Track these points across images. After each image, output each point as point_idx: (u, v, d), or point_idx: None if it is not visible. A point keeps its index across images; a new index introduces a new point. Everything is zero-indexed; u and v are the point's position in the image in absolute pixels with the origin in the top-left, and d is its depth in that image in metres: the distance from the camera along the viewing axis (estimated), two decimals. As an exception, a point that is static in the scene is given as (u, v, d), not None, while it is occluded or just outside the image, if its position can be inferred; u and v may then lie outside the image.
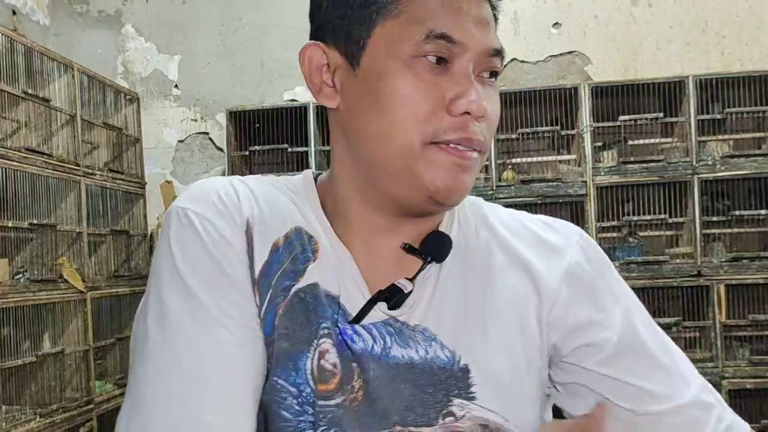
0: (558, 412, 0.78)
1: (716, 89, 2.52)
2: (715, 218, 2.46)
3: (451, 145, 0.66)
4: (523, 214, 0.80)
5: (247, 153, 2.66)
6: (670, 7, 2.86)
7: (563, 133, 2.55)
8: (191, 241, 0.67)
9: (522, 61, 2.91)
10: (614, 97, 2.57)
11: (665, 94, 2.57)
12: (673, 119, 2.51)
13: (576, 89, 2.54)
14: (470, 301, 0.71)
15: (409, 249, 0.71)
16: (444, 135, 0.66)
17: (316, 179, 0.78)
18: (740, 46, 2.81)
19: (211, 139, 3.01)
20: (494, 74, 0.70)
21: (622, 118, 2.52)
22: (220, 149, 2.99)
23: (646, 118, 2.52)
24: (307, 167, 2.58)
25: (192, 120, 3.02)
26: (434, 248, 0.71)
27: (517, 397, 0.69)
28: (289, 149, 2.62)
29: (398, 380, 0.67)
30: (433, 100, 0.66)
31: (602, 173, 2.50)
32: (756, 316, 2.38)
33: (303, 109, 2.62)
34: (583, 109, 2.51)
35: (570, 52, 2.89)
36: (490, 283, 0.72)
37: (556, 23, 2.89)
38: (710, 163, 2.44)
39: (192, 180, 2.99)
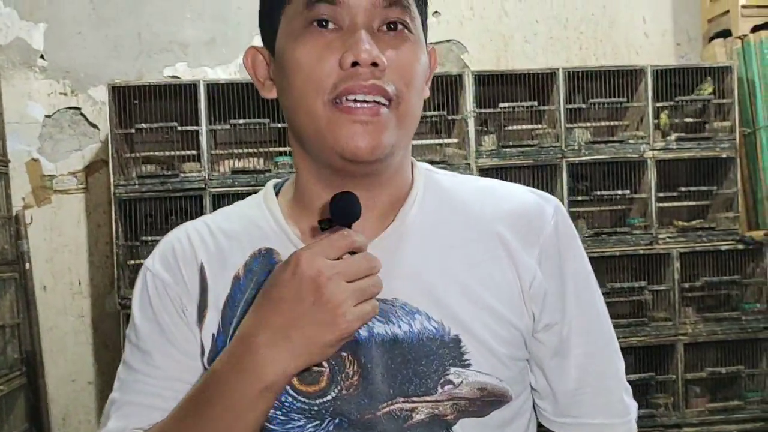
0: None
1: (579, 81, 2.79)
2: (579, 198, 2.74)
3: (351, 103, 0.68)
4: (495, 182, 0.83)
5: (133, 131, 2.53)
6: (536, 3, 3.10)
7: (449, 117, 2.69)
8: (142, 300, 0.78)
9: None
10: (491, 86, 2.76)
11: (536, 84, 2.80)
12: (545, 107, 2.74)
13: (460, 76, 2.69)
14: (445, 270, 0.74)
15: (321, 224, 0.70)
16: (340, 87, 0.69)
17: (282, 185, 0.83)
18: (595, 42, 3.12)
19: (83, 115, 2.82)
20: (395, 25, 0.71)
21: (501, 105, 2.71)
22: (95, 126, 2.82)
23: (522, 106, 2.73)
24: (198, 147, 2.53)
25: (61, 94, 2.81)
26: (340, 212, 0.69)
27: (505, 361, 0.74)
28: (179, 128, 2.54)
29: (390, 357, 0.71)
30: (326, 61, 0.69)
31: (484, 156, 2.68)
32: (613, 284, 2.70)
33: (193, 87, 2.54)
34: (466, 95, 2.68)
35: (448, 41, 3.05)
36: (465, 252, 0.75)
37: (436, 12, 3.03)
38: (576, 148, 2.71)
39: (63, 158, 2.81)
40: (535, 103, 2.74)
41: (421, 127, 2.84)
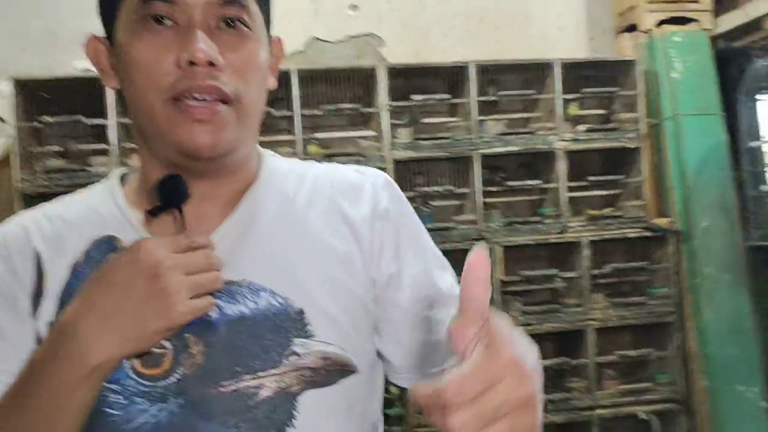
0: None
1: (492, 74, 2.84)
2: (493, 189, 2.79)
3: (190, 102, 0.70)
4: (331, 164, 0.88)
5: (40, 124, 2.48)
6: (453, -2, 3.14)
7: (363, 110, 2.71)
8: None
9: (322, 41, 3.03)
10: (408, 79, 2.79)
11: (450, 77, 2.84)
12: (458, 100, 2.78)
13: (374, 70, 2.71)
14: (290, 248, 0.77)
15: (151, 211, 0.73)
16: (178, 87, 0.70)
17: (129, 174, 0.84)
18: (511, 36, 3.18)
19: (-8, 110, 2.75)
20: (233, 23, 0.72)
21: (415, 97, 2.74)
22: (2, 120, 2.74)
23: (436, 99, 2.77)
24: (106, 141, 2.49)
25: (-33, 88, 2.73)
26: (168, 195, 0.73)
27: (349, 330, 0.76)
28: (86, 121, 2.49)
29: (236, 335, 0.73)
30: (163, 60, 0.70)
31: (399, 149, 2.71)
32: (527, 272, 2.76)
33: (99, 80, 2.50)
34: (380, 88, 2.70)
35: (367, 34, 3.06)
36: (307, 230, 0.78)
37: (354, 5, 3.04)
38: (488, 140, 2.77)
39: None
40: (449, 96, 2.77)
41: (337, 120, 2.86)
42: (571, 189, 2.79)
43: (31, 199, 2.46)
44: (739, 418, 2.77)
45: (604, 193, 2.89)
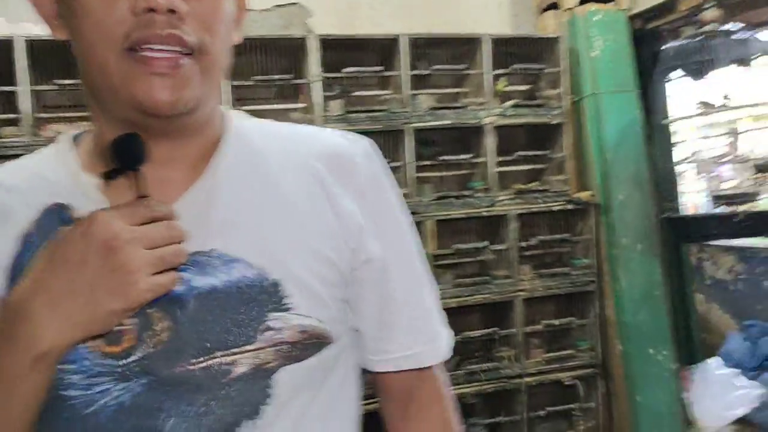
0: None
1: (422, 48, 2.84)
2: (426, 163, 2.80)
3: (148, 53, 0.64)
4: (306, 126, 0.84)
5: (-62, 91, 2.24)
6: (380, -31, 3.10)
7: (295, 82, 2.64)
8: None
9: (248, 9, 2.91)
10: (338, 51, 2.74)
11: (380, 50, 2.81)
12: (390, 73, 2.76)
13: (304, 40, 2.64)
14: (263, 215, 0.72)
15: (106, 174, 0.68)
16: (134, 36, 0.64)
17: (81, 136, 0.77)
18: (439, 9, 3.18)
19: None
20: None
21: (346, 70, 2.69)
22: None
23: (368, 71, 2.73)
24: (17, 111, 2.30)
25: None
26: (124, 156, 0.67)
27: (326, 301, 0.73)
28: (-7, 88, 2.28)
29: (206, 309, 0.68)
30: (116, 7, 0.64)
31: (331, 121, 2.66)
32: (459, 245, 2.80)
33: (8, 43, 2.29)
34: (312, 60, 2.63)
35: (292, 4, 2.97)
36: (281, 194, 0.73)
37: (280, -27, 2.94)
38: (420, 113, 2.76)
39: None
40: (381, 69, 2.74)
41: (266, 92, 2.76)
42: (499, 164, 2.84)
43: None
44: (652, 379, 2.95)
45: (530, 167, 2.97)
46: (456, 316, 2.78)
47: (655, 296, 2.99)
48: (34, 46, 2.30)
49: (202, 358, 0.67)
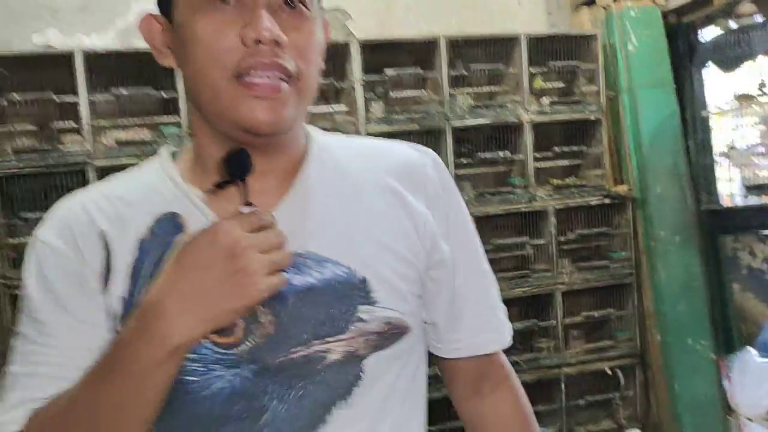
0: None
1: (459, 48, 2.90)
2: (463, 161, 2.87)
3: (254, 79, 0.72)
4: (377, 140, 0.92)
5: (6, 103, 2.38)
6: (416, -29, 3.17)
7: (338, 85, 2.73)
8: (34, 270, 0.79)
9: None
10: (377, 53, 2.82)
11: (418, 52, 2.89)
12: (429, 74, 2.83)
13: (347, 45, 2.72)
14: (348, 220, 0.81)
15: (218, 185, 0.76)
16: (243, 64, 0.72)
17: (178, 152, 0.87)
18: (473, 9, 3.23)
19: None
20: (294, 3, 0.75)
21: (388, 72, 2.78)
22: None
23: (408, 73, 2.81)
24: (78, 119, 2.42)
25: None
26: (234, 168, 0.75)
27: (406, 296, 0.82)
28: (57, 99, 2.41)
29: (304, 304, 0.77)
30: (226, 36, 0.72)
31: (372, 123, 2.75)
32: (498, 241, 2.87)
33: (68, 57, 2.42)
34: (354, 63, 2.72)
35: (334, 8, 3.06)
36: (363, 202, 0.82)
37: (320, -21, 3.02)
38: (459, 113, 2.84)
39: None
40: (420, 70, 2.82)
41: (311, 94, 2.85)
42: (536, 159, 2.91)
43: (2, 181, 2.37)
44: (690, 369, 3.00)
45: (567, 163, 3.02)
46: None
47: (694, 287, 3.03)
48: (90, 58, 2.43)
49: (300, 348, 0.76)
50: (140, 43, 2.59)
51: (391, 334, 0.80)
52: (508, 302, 0.95)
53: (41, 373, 0.76)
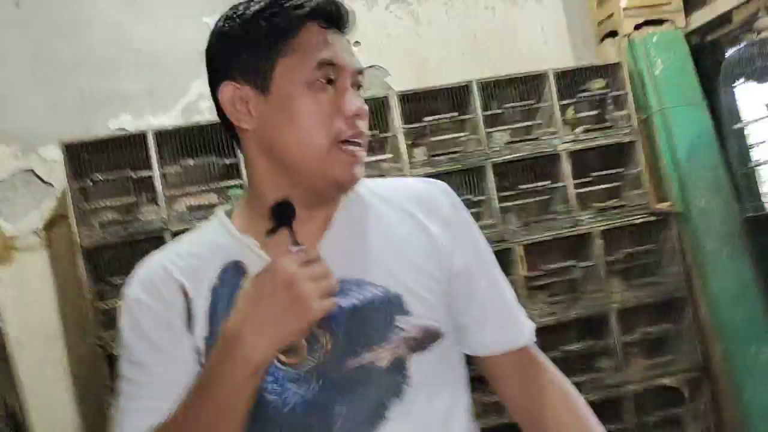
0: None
1: (491, 89, 3.10)
2: (506, 194, 3.03)
3: (349, 146, 0.92)
4: (395, 178, 1.11)
5: (90, 183, 2.69)
6: (445, 24, 3.40)
7: (382, 136, 2.95)
8: (128, 322, 0.95)
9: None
10: (414, 102, 3.04)
11: (455, 96, 3.09)
12: (466, 117, 3.03)
13: (387, 98, 2.96)
14: (380, 248, 0.97)
15: (269, 231, 0.89)
16: (344, 134, 0.90)
17: (231, 210, 1.01)
18: (502, 52, 3.44)
19: (36, 174, 2.96)
20: (359, 86, 0.95)
21: (426, 119, 2.99)
22: (49, 183, 2.95)
23: (446, 118, 3.02)
24: (153, 190, 2.70)
25: (11, 156, 2.94)
26: (282, 216, 0.89)
27: (435, 305, 0.97)
28: (134, 175, 2.71)
29: (353, 322, 0.93)
30: (330, 111, 0.90)
31: (417, 167, 2.95)
32: (547, 266, 2.99)
33: (142, 136, 2.72)
34: (394, 114, 2.94)
35: (371, 66, 3.31)
36: (389, 232, 0.98)
37: (357, 42, 3.29)
38: (497, 149, 3.01)
39: (20, 217, 2.94)
40: (456, 114, 3.02)
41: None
42: (576, 186, 3.04)
43: (91, 252, 2.66)
44: (757, 377, 3.00)
45: (607, 186, 3.14)
46: (553, 333, 2.93)
47: (750, 294, 3.06)
48: (159, 135, 2.74)
49: (355, 359, 0.92)
50: (201, 118, 2.90)
51: (427, 338, 0.96)
52: (564, 325, 1.08)
53: (144, 406, 0.91)
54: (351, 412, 0.92)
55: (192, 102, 3.11)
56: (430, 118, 2.98)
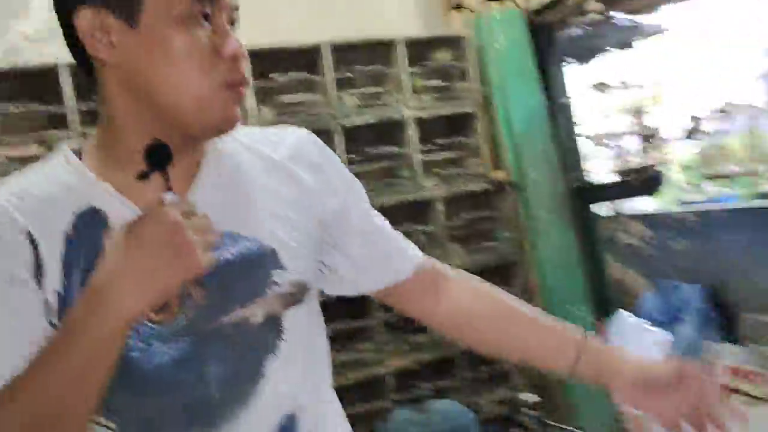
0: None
1: (342, 52, 3.06)
2: (354, 157, 3.03)
3: (233, 92, 0.85)
4: (263, 128, 1.04)
5: None
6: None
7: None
8: None
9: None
10: (261, 59, 2.94)
11: (304, 56, 3.03)
12: (315, 77, 2.99)
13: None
14: (250, 200, 0.93)
15: (142, 175, 0.80)
16: (226, 77, 0.83)
17: (80, 150, 0.89)
18: (354, 13, 3.39)
19: None
20: (234, 23, 0.86)
21: (277, 77, 2.91)
22: None
23: (297, 78, 2.95)
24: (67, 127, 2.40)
25: None
26: (157, 159, 0.81)
27: (306, 257, 0.96)
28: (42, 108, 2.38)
29: (226, 276, 0.88)
30: (209, 50, 0.82)
31: (265, 126, 2.85)
32: (392, 230, 3.04)
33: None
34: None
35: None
36: (258, 184, 0.94)
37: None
38: (346, 113, 3.01)
39: None
40: (306, 74, 2.96)
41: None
42: (422, 152, 3.12)
43: None
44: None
45: (450, 155, 3.25)
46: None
47: (571, 261, 3.33)
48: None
49: (227, 316, 0.87)
50: (21, 60, 2.61)
51: (299, 291, 0.94)
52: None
53: None
54: (226, 370, 0.89)
55: (13, 44, 2.78)
56: (281, 77, 2.90)
